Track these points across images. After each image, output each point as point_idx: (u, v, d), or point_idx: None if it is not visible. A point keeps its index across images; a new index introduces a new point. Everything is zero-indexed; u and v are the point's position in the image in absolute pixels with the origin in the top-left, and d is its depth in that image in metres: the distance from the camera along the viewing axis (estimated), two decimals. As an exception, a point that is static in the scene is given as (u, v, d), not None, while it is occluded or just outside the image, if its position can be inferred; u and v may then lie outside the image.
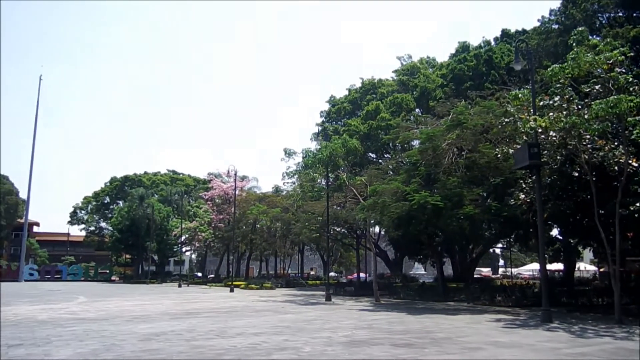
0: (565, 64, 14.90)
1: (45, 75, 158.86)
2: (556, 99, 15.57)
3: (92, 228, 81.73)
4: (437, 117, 26.32)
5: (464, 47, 38.67)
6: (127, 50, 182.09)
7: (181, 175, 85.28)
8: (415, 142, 28.66)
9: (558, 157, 17.00)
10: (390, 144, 35.20)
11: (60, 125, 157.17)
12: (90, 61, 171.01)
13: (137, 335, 12.32)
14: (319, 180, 31.30)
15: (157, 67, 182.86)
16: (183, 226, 57.63)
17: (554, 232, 26.58)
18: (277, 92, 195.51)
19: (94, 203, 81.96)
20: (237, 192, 47.80)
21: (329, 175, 28.30)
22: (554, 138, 15.73)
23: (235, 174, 46.00)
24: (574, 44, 15.20)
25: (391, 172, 29.65)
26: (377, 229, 39.58)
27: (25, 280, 65.72)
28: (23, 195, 75.58)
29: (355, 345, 10.61)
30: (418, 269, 59.94)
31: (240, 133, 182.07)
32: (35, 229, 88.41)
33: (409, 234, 25.47)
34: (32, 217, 79.37)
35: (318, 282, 50.23)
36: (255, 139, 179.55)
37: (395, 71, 43.97)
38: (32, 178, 75.28)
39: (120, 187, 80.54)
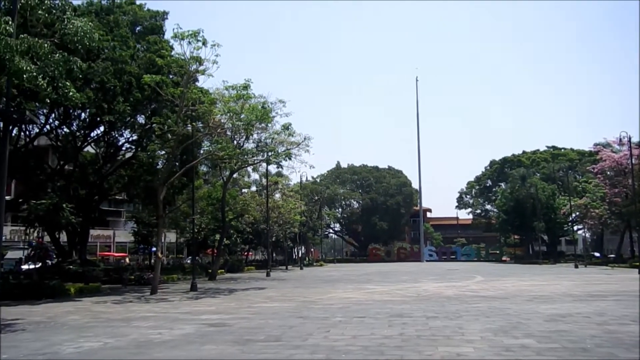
0: None
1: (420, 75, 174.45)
2: None
3: (478, 211, 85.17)
4: None
5: None
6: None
7: (562, 150, 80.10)
8: None
9: None
10: None
11: (439, 120, 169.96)
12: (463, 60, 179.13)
13: (541, 315, 12.14)
14: None
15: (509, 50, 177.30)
16: (572, 203, 54.00)
17: None
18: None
19: (477, 187, 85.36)
20: (633, 161, 41.80)
21: None
22: None
23: (630, 141, 40.26)
24: None
25: None
26: None
27: (426, 261, 73.71)
28: (415, 185, 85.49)
29: None
30: None
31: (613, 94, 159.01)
32: (428, 214, 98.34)
33: None
34: (424, 204, 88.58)
35: None
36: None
37: None
38: (420, 169, 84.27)
39: (499, 170, 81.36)
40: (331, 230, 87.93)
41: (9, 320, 12.69)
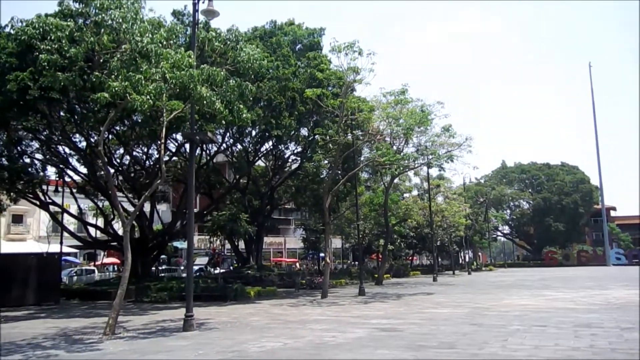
0: None
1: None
2: None
3: (676, 207, 74.11)
4: None
5: None
6: None
7: None
8: None
9: None
10: None
11: (619, 108, 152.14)
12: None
13: None
14: None
15: None
16: None
17: None
18: None
19: (672, 180, 74.43)
20: None
21: None
22: None
23: None
24: None
25: None
26: None
27: (613, 265, 65.98)
28: (594, 181, 77.18)
29: None
30: None
31: None
32: (612, 213, 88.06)
33: None
34: (607, 202, 79.57)
35: None
36: None
37: None
38: (600, 164, 75.74)
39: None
40: (499, 233, 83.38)
41: (202, 319, 14.18)
